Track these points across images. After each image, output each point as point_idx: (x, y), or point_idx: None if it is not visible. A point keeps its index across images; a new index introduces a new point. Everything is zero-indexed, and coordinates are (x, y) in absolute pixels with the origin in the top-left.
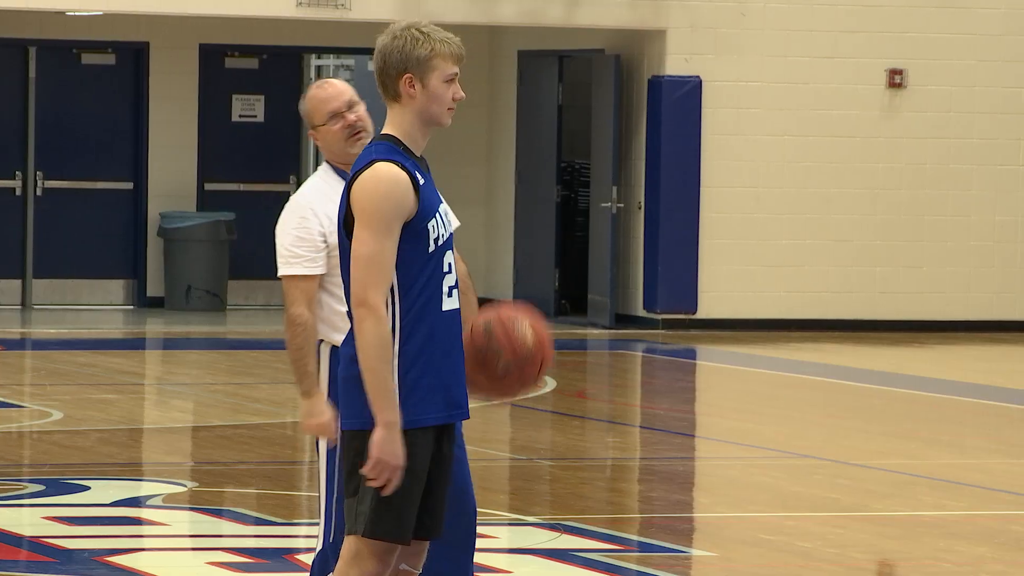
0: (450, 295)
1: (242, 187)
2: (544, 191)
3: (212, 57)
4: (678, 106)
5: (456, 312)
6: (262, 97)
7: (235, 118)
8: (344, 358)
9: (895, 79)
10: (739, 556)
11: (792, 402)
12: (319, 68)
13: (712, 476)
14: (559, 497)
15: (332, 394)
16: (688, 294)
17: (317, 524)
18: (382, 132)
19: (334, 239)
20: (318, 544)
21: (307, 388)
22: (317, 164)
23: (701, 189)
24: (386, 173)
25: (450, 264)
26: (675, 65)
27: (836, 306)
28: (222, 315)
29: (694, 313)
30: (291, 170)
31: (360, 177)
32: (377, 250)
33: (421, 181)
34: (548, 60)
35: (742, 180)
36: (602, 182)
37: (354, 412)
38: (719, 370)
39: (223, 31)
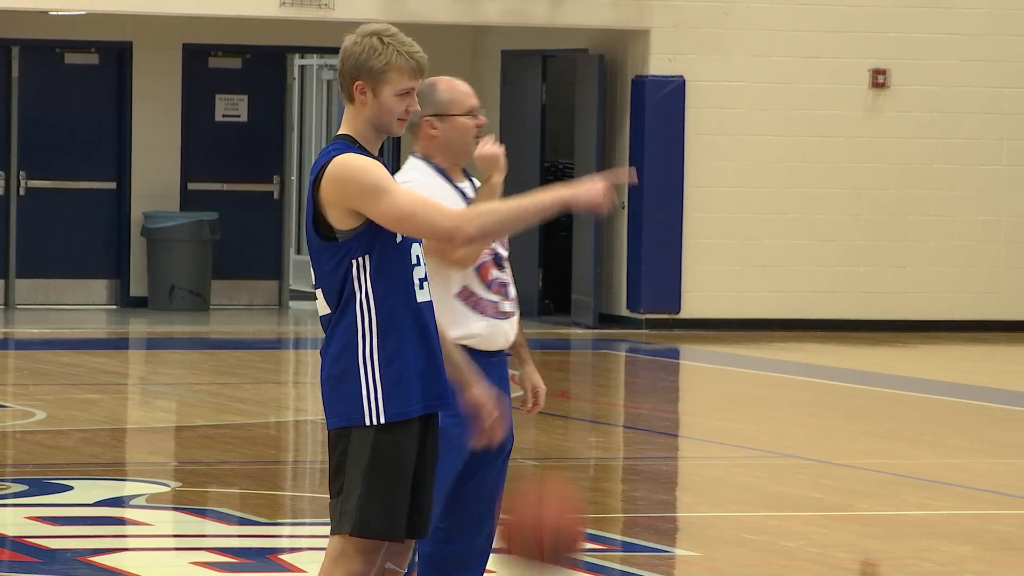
0: (421, 287)
1: (225, 187)
2: (527, 191)
3: (196, 57)
4: (662, 106)
5: (429, 304)
6: (245, 97)
7: (219, 118)
8: (328, 357)
9: (879, 79)
10: (722, 556)
11: (775, 402)
12: (302, 68)
13: (695, 476)
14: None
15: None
16: (672, 294)
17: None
18: (339, 132)
19: None
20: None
21: None
22: (300, 164)
23: (685, 189)
24: (351, 158)
25: (418, 256)
26: (659, 65)
27: (820, 306)
28: (205, 315)
29: (678, 313)
30: (275, 170)
31: (328, 170)
32: (408, 201)
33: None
34: (532, 60)
35: (726, 180)
36: None
37: (337, 411)
38: (703, 370)
39: (207, 31)
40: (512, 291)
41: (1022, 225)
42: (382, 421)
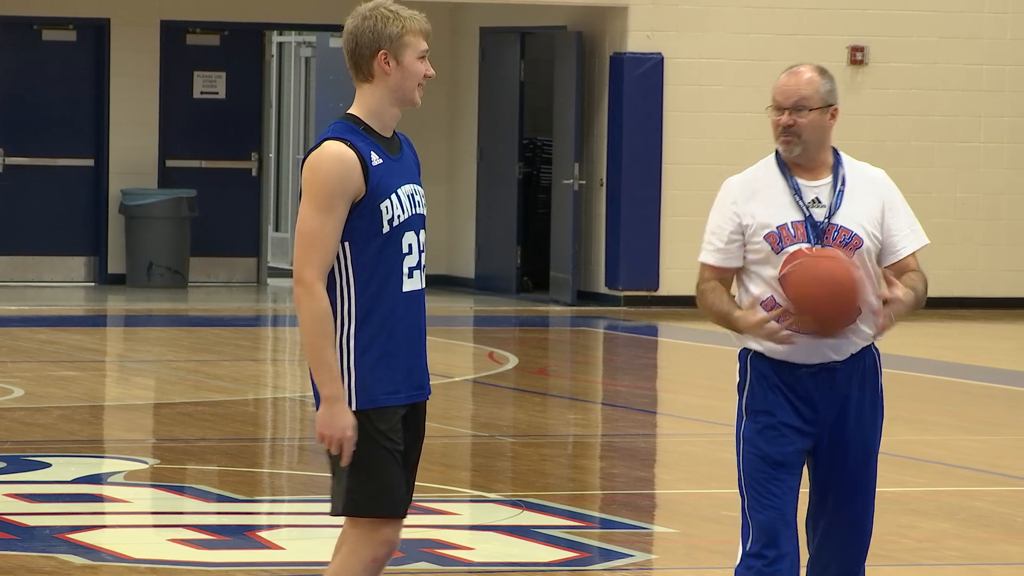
0: (411, 276)
1: (203, 164)
2: (506, 168)
3: (173, 34)
4: (640, 83)
5: (419, 293)
6: (223, 74)
7: (196, 95)
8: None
9: (857, 56)
10: (701, 532)
11: None
12: (280, 45)
13: (674, 453)
14: (521, 474)
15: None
16: (650, 271)
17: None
18: (347, 112)
19: (753, 233)
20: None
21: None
22: (279, 141)
23: (663, 166)
24: (331, 151)
25: (411, 245)
26: (637, 42)
27: None
28: (183, 292)
29: (656, 290)
30: (252, 147)
31: (309, 156)
32: (317, 226)
33: (375, 162)
34: (510, 37)
35: (704, 157)
36: (564, 159)
37: (316, 392)
38: (680, 347)
39: (184, 7)
40: None
41: (999, 202)
42: (354, 408)
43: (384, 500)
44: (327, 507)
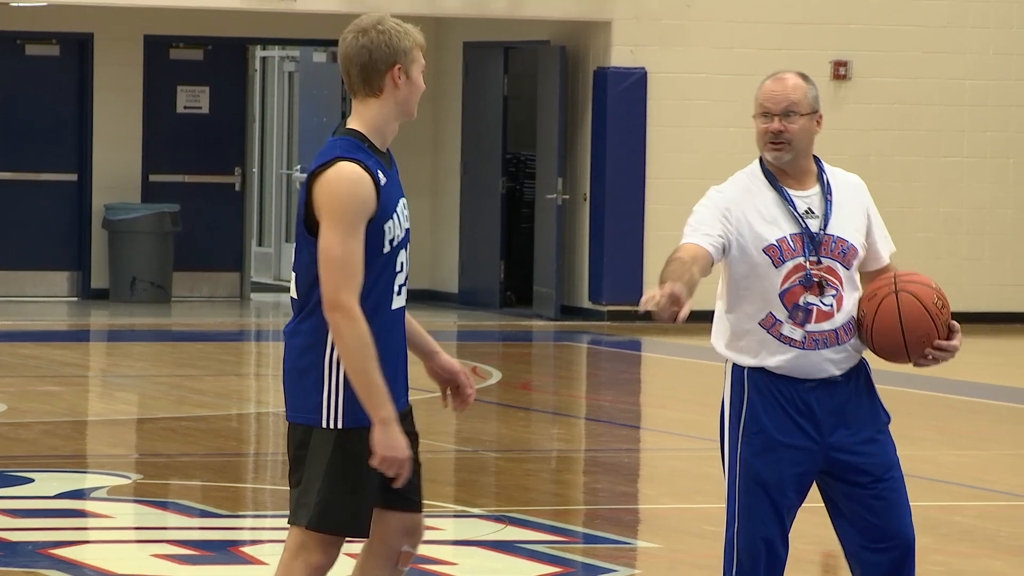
0: (399, 293)
1: (187, 179)
2: (489, 182)
3: (157, 48)
4: (623, 98)
5: (402, 311)
6: (207, 88)
7: (180, 109)
8: (294, 347)
9: (840, 71)
10: (684, 547)
11: None
12: (264, 59)
13: (657, 467)
14: (504, 489)
15: None
16: (633, 285)
17: None
18: (348, 127)
19: (740, 242)
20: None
21: None
22: (262, 156)
23: (646, 181)
24: (351, 174)
25: (402, 263)
26: (620, 56)
27: None
28: (167, 307)
29: (639, 305)
30: (236, 162)
31: (323, 176)
32: (347, 251)
33: (383, 181)
34: (494, 51)
35: (687, 172)
36: (547, 173)
37: (295, 406)
38: (664, 362)
39: (168, 22)
40: (830, 321)
41: (983, 217)
42: (339, 426)
43: (356, 521)
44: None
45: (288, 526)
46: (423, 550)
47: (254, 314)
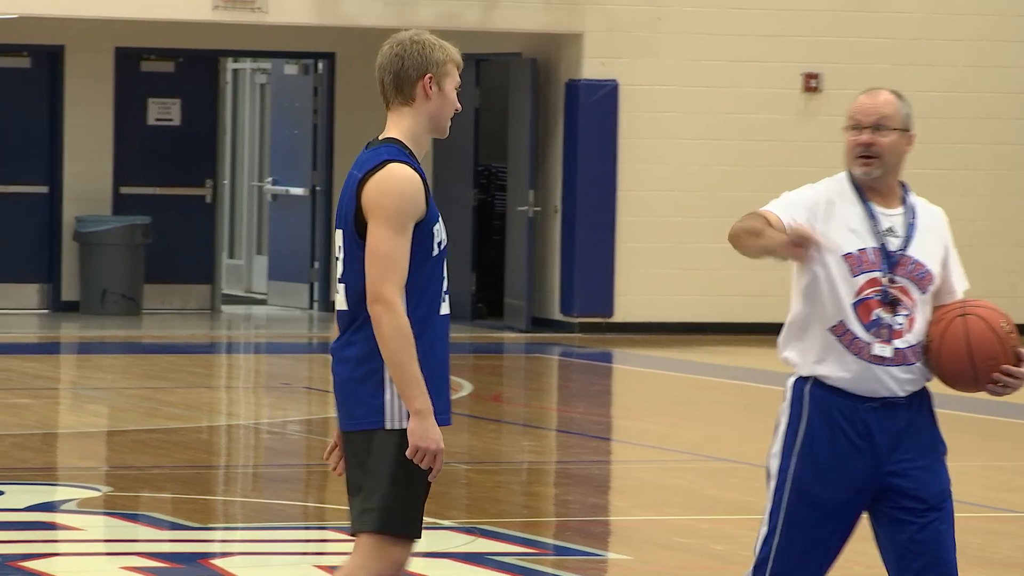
0: (444, 300)
1: (158, 191)
2: (461, 194)
3: (128, 60)
4: (594, 110)
5: (448, 317)
6: (178, 101)
7: (151, 122)
8: (348, 360)
9: (810, 83)
10: (655, 559)
11: (708, 405)
12: (236, 72)
13: (628, 479)
14: (475, 501)
15: None
16: (604, 298)
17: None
18: (387, 136)
19: (828, 248)
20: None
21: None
22: (233, 168)
23: (617, 193)
24: (402, 172)
25: (445, 270)
26: (591, 69)
27: (752, 309)
28: (137, 319)
29: (610, 317)
30: (207, 174)
31: (375, 177)
32: (393, 246)
33: (429, 185)
34: (465, 64)
35: (658, 184)
36: (519, 186)
37: (357, 413)
38: (635, 373)
39: (139, 34)
40: (903, 339)
41: (954, 229)
42: (404, 426)
43: (415, 521)
44: (280, 534)
45: (352, 537)
46: None
47: (225, 326)
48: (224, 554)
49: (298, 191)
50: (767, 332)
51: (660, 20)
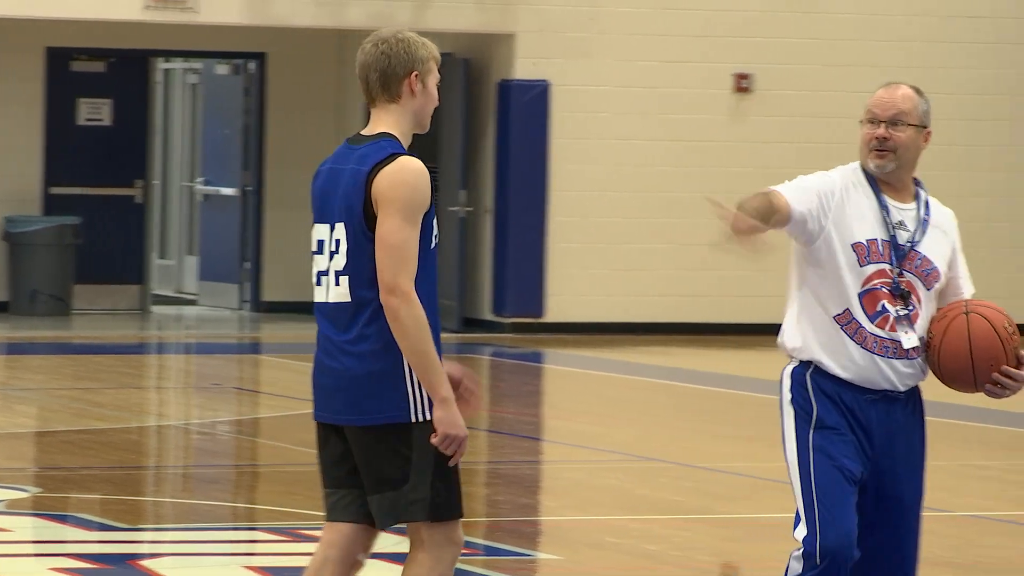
0: (436, 292)
1: (88, 191)
2: None
3: (58, 60)
4: (526, 110)
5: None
6: (109, 101)
7: (81, 122)
8: (360, 356)
9: (742, 83)
10: (585, 559)
11: (639, 405)
12: (167, 71)
13: (559, 479)
14: None
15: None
16: (536, 298)
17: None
18: (381, 131)
19: (829, 230)
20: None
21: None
22: (164, 168)
23: (549, 193)
24: (414, 165)
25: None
26: (524, 69)
27: (683, 309)
28: (67, 320)
29: (542, 317)
30: (138, 174)
31: (386, 169)
32: (407, 238)
33: None
34: None
35: (590, 184)
36: (450, 186)
37: (376, 407)
38: (566, 373)
39: (70, 34)
40: (909, 337)
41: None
42: (427, 418)
43: (460, 501)
44: (210, 535)
45: (391, 531)
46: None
47: (155, 327)
48: (153, 555)
49: (229, 191)
50: (697, 332)
51: (592, 21)
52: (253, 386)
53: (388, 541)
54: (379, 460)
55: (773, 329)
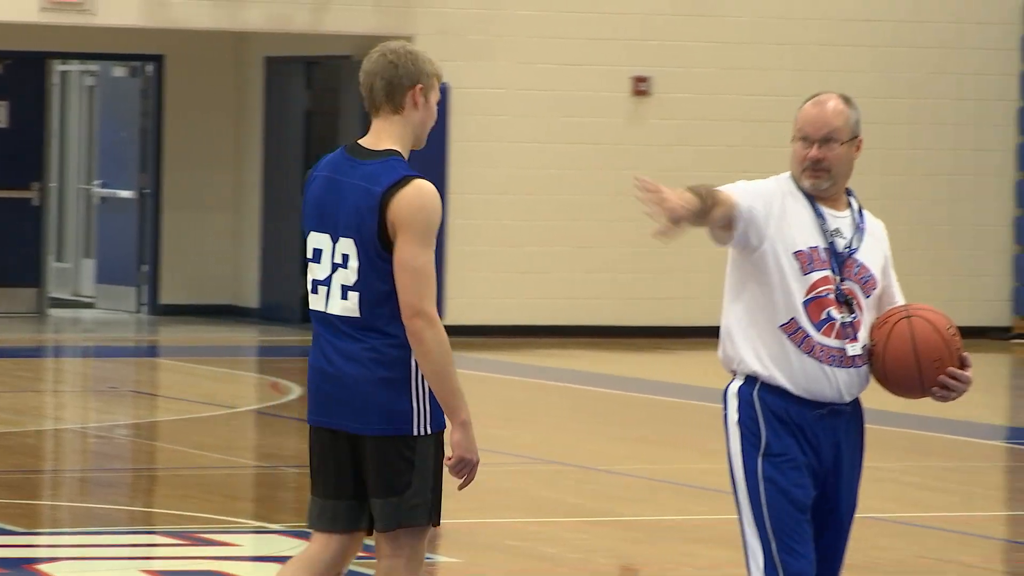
0: None
1: None
2: (291, 198)
3: None
4: None
5: None
6: (5, 103)
7: None
8: (364, 366)
9: (640, 86)
10: (485, 561)
11: (539, 408)
12: (64, 74)
13: (458, 482)
14: (304, 505)
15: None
16: (436, 298)
17: None
18: (383, 146)
19: (770, 239)
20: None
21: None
22: (61, 171)
23: (448, 196)
24: (429, 189)
25: None
26: None
27: (583, 312)
28: None
29: (442, 319)
30: (34, 176)
31: (402, 193)
32: (427, 261)
33: None
34: (295, 66)
35: (490, 187)
36: None
37: (380, 418)
38: (466, 376)
39: None
40: (855, 344)
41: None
42: (429, 432)
43: (440, 509)
44: (107, 539)
45: (382, 534)
46: (222, 566)
47: (52, 330)
48: (51, 559)
49: (126, 194)
50: (597, 334)
51: (492, 23)
52: (151, 389)
53: (287, 545)
54: (388, 467)
55: (673, 331)
